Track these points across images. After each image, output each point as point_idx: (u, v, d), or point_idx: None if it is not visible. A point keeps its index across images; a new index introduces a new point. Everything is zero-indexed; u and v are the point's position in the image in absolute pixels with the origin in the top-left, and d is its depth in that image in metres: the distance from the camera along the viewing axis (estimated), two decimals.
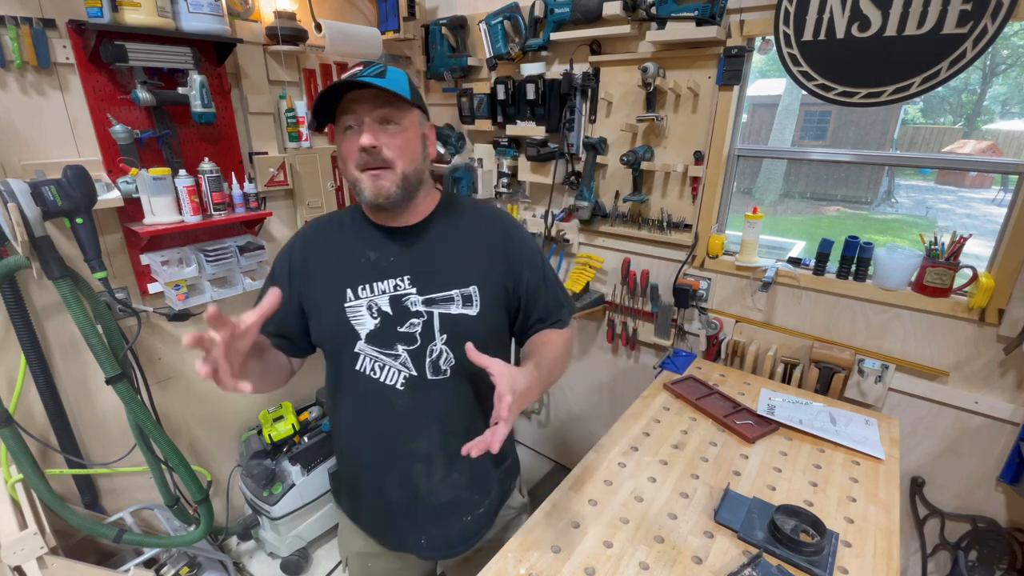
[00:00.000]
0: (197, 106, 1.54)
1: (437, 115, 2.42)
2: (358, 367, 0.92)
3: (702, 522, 1.04)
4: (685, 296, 1.81)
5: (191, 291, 1.67)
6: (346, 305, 0.91)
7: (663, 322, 1.95)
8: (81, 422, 1.62)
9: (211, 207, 1.65)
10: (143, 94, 1.46)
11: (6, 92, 1.34)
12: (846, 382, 1.62)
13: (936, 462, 1.58)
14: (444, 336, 0.91)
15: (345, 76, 0.83)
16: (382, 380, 0.92)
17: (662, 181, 1.83)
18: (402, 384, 0.92)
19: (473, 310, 0.92)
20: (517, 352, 1.08)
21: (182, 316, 1.70)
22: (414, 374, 0.91)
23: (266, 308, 0.68)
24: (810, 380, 1.65)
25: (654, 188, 1.85)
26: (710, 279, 1.83)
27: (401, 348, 0.91)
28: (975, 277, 1.42)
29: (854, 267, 1.57)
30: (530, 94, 1.92)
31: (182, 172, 1.56)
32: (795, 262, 1.71)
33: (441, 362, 0.92)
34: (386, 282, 0.91)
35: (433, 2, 2.23)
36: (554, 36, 1.83)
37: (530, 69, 1.91)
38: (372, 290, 0.91)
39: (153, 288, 1.66)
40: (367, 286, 0.91)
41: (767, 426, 1.35)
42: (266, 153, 1.85)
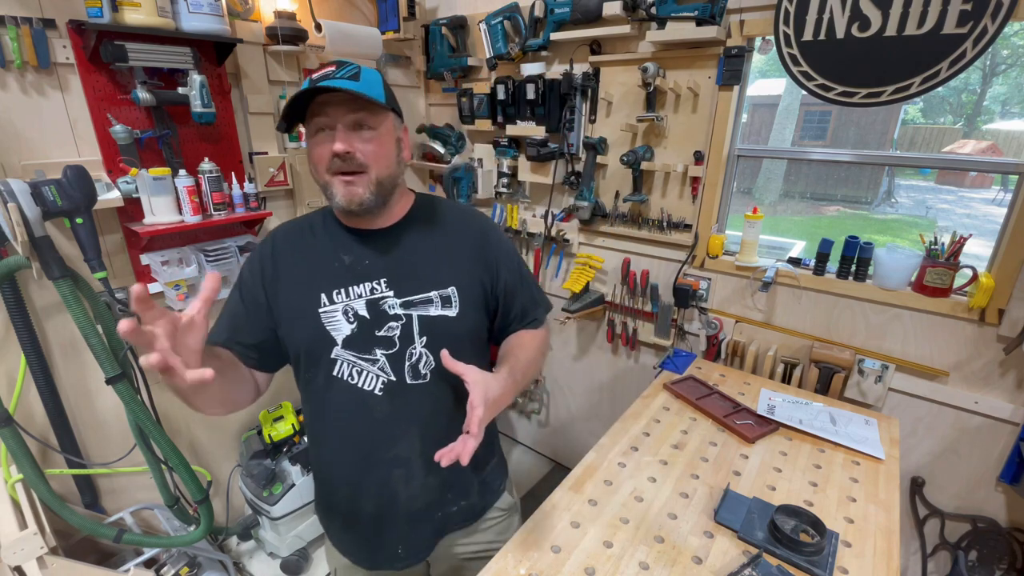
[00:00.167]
0: (197, 106, 1.54)
1: (437, 115, 2.43)
2: (335, 373, 0.90)
3: (702, 522, 1.04)
4: (685, 296, 1.81)
5: (191, 291, 1.67)
6: (320, 310, 0.88)
7: (663, 322, 1.95)
8: (81, 422, 1.62)
9: (211, 207, 1.65)
10: (143, 94, 1.46)
11: (6, 92, 1.34)
12: (846, 382, 1.62)
13: (936, 462, 1.58)
14: (424, 339, 0.90)
15: (317, 76, 0.80)
16: (360, 386, 0.90)
17: (662, 181, 1.83)
18: (380, 389, 0.90)
19: (453, 311, 0.91)
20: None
21: None
22: (393, 379, 0.89)
23: (208, 293, 0.64)
24: (810, 380, 1.65)
25: (654, 188, 1.85)
26: (710, 279, 1.83)
27: (380, 352, 0.89)
28: (975, 277, 1.42)
29: (854, 267, 1.57)
30: (530, 94, 1.92)
31: (182, 172, 1.56)
32: (795, 262, 1.71)
33: (421, 366, 0.90)
34: (362, 285, 0.89)
35: (433, 2, 2.23)
36: (554, 36, 1.83)
37: (530, 69, 1.91)
38: (348, 294, 0.89)
39: (153, 288, 1.65)
40: (342, 290, 0.89)
41: (767, 426, 1.35)
42: (266, 153, 1.85)
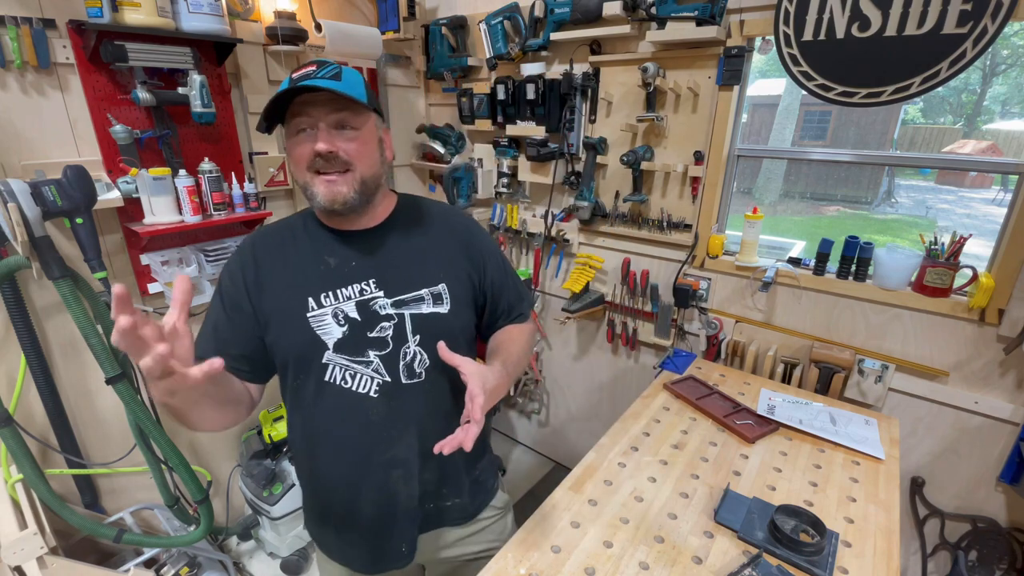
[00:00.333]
0: (197, 106, 1.54)
1: (437, 115, 2.43)
2: (327, 378, 0.88)
3: (702, 522, 1.04)
4: (685, 296, 1.81)
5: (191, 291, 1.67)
6: (309, 315, 0.87)
7: (663, 322, 1.95)
8: (81, 422, 1.62)
9: (211, 207, 1.65)
10: (143, 94, 1.46)
11: (6, 92, 1.34)
12: (846, 382, 1.62)
13: (936, 462, 1.58)
14: (417, 337, 0.89)
15: (297, 76, 0.79)
16: (354, 389, 0.88)
17: (662, 181, 1.83)
18: (376, 391, 0.88)
19: (444, 308, 0.92)
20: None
21: None
22: (388, 380, 0.88)
23: (181, 297, 0.62)
24: (810, 380, 1.65)
25: (654, 188, 1.85)
26: (710, 279, 1.83)
27: (373, 354, 0.88)
28: (975, 277, 1.42)
29: (854, 267, 1.57)
30: (530, 94, 1.92)
31: (182, 172, 1.56)
32: (795, 262, 1.71)
33: (415, 365, 0.90)
34: (350, 287, 0.88)
35: (433, 2, 2.23)
36: (554, 36, 1.83)
37: (530, 69, 1.91)
38: (336, 297, 0.88)
39: (153, 288, 1.65)
40: (330, 293, 0.88)
41: (767, 426, 1.35)
42: (266, 153, 1.85)
